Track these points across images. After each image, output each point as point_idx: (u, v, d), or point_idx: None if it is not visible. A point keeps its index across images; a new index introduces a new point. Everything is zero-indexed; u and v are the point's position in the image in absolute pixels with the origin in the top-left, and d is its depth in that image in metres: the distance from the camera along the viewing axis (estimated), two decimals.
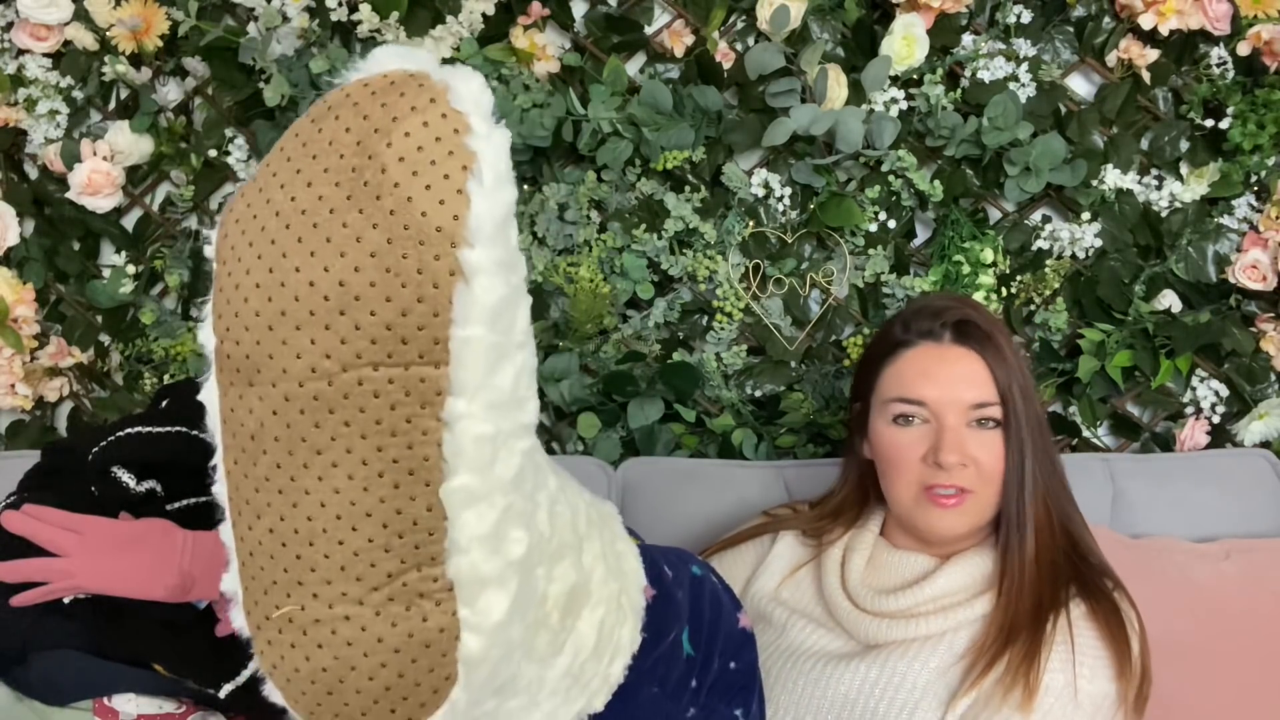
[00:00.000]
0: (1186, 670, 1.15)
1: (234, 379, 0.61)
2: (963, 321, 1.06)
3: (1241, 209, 1.39)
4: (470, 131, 0.58)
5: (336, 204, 0.57)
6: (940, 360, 1.05)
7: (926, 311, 1.08)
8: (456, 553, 0.61)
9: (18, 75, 1.47)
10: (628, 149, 1.40)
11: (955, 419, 1.03)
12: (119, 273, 1.49)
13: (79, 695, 1.05)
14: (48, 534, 1.04)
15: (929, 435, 1.04)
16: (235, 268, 0.59)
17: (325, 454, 0.59)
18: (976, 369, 1.04)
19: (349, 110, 0.58)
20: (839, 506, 1.17)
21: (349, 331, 0.57)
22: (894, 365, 1.07)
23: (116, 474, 1.16)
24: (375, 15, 1.35)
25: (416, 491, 0.59)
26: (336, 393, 0.58)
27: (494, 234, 0.58)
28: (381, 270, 0.56)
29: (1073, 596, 1.03)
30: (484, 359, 0.59)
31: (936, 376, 1.04)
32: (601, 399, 1.47)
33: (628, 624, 0.81)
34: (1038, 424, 1.06)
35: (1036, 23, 1.38)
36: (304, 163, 0.58)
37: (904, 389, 1.05)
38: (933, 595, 1.04)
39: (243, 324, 0.59)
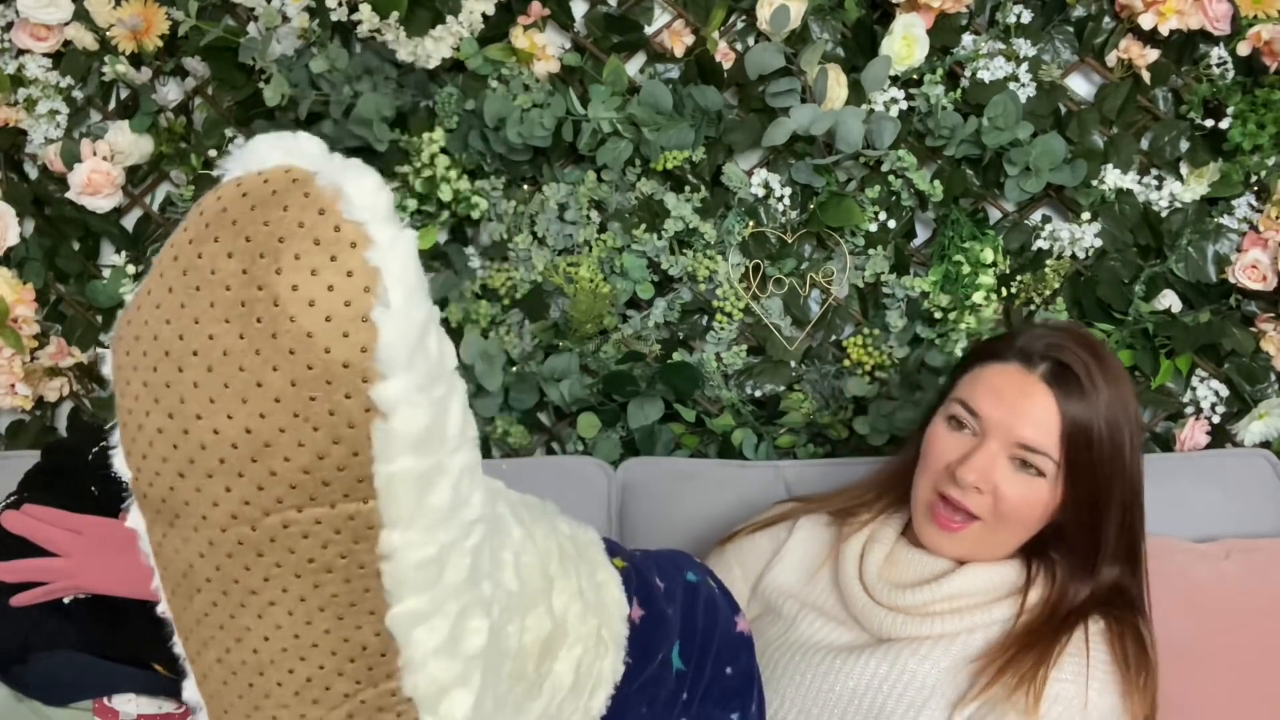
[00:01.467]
0: (1186, 670, 1.15)
1: (155, 517, 0.57)
2: (1063, 364, 0.99)
3: (1241, 209, 1.39)
4: (369, 243, 0.51)
5: (229, 344, 0.51)
6: (1018, 387, 1.00)
7: (1043, 338, 1.02)
8: (411, 670, 0.58)
9: (18, 75, 1.47)
10: (628, 149, 1.40)
11: (998, 446, 0.99)
12: (119, 273, 1.49)
13: (79, 695, 1.05)
14: (48, 534, 1.04)
15: (970, 447, 1.01)
16: (134, 406, 0.55)
17: (260, 594, 0.56)
18: (1047, 414, 0.98)
19: (228, 231, 0.51)
20: (884, 482, 1.14)
21: (264, 478, 0.53)
22: (979, 371, 1.04)
23: (117, 474, 1.16)
24: (375, 15, 1.35)
25: (361, 621, 0.57)
26: (262, 537, 0.54)
27: (409, 359, 0.52)
28: (289, 415, 0.51)
29: (1092, 613, 1.02)
30: (414, 488, 0.55)
31: (1005, 399, 1.00)
32: (601, 399, 1.47)
33: (609, 656, 0.79)
34: (1132, 493, 1.02)
35: (1036, 23, 1.38)
36: (186, 295, 0.52)
37: (971, 396, 1.02)
38: (949, 594, 1.03)
39: (153, 468, 0.55)
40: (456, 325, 1.47)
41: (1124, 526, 1.02)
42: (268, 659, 0.57)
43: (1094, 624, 1.01)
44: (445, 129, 1.42)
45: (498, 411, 1.48)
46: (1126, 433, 1.00)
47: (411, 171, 1.42)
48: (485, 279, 1.47)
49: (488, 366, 1.43)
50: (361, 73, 1.41)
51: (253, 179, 0.52)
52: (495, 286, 1.46)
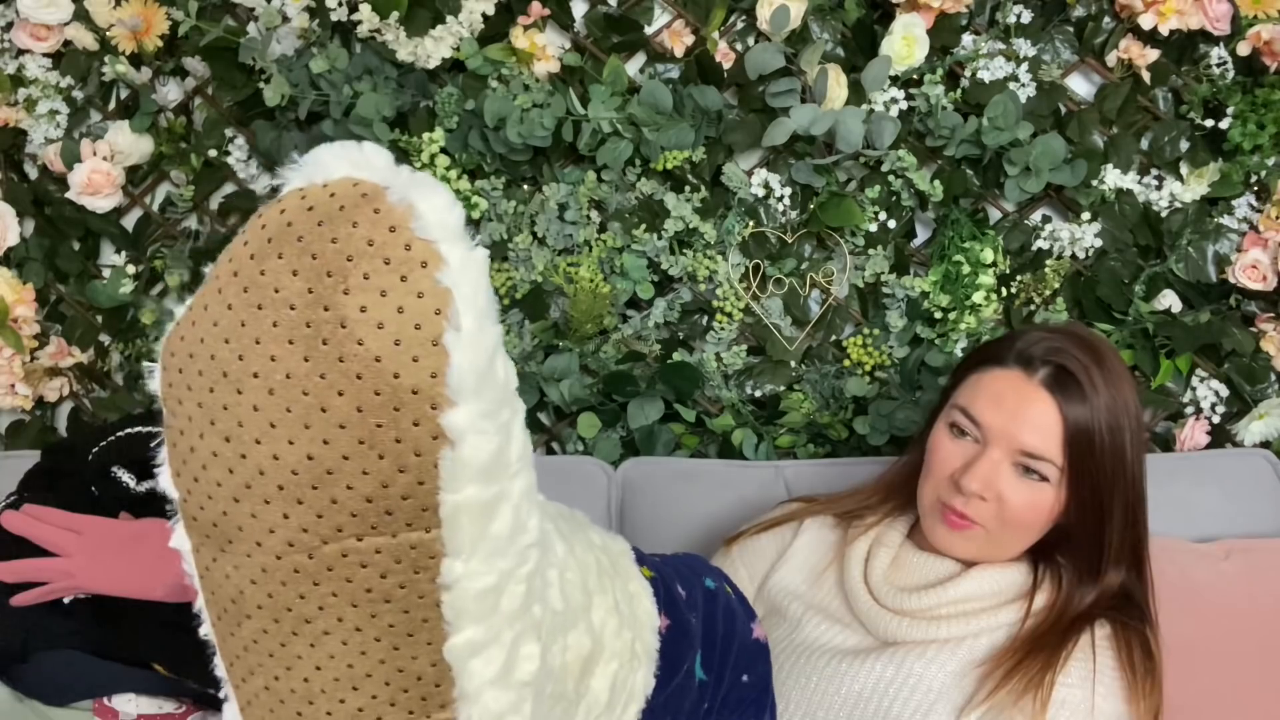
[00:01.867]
0: (1186, 670, 1.15)
1: (204, 541, 0.55)
2: (1063, 368, 0.99)
3: (1241, 209, 1.39)
4: (441, 263, 0.49)
5: (292, 367, 0.49)
6: (1018, 393, 0.99)
7: (1042, 342, 1.01)
8: (466, 702, 0.57)
9: (18, 75, 1.47)
10: (628, 149, 1.40)
11: (1001, 453, 0.99)
12: (119, 273, 1.49)
13: (79, 695, 1.05)
14: (47, 534, 1.04)
15: (972, 454, 1.00)
16: (187, 427, 0.53)
17: (314, 623, 0.54)
18: (1049, 419, 0.98)
19: (293, 248, 0.49)
20: (890, 486, 1.14)
21: (325, 505, 0.51)
22: (979, 377, 1.03)
23: (116, 474, 1.16)
24: (375, 15, 1.35)
25: (418, 651, 0.56)
26: (319, 565, 0.52)
27: (478, 385, 0.51)
28: (354, 442, 0.50)
29: (1099, 618, 1.01)
30: (478, 517, 0.54)
31: (1006, 406, 0.99)
32: (601, 399, 1.47)
33: (641, 670, 0.78)
34: (1135, 494, 1.01)
35: (1036, 23, 1.38)
36: (248, 313, 0.50)
37: (971, 403, 1.01)
38: (955, 598, 1.02)
39: (205, 491, 0.53)
40: None
41: (1127, 527, 1.02)
42: (318, 688, 0.55)
43: (1100, 629, 1.01)
44: (445, 129, 1.42)
45: None
46: (1128, 434, 0.99)
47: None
48: None
49: None
50: (361, 73, 1.41)
51: (318, 191, 0.50)
52: (495, 286, 1.46)
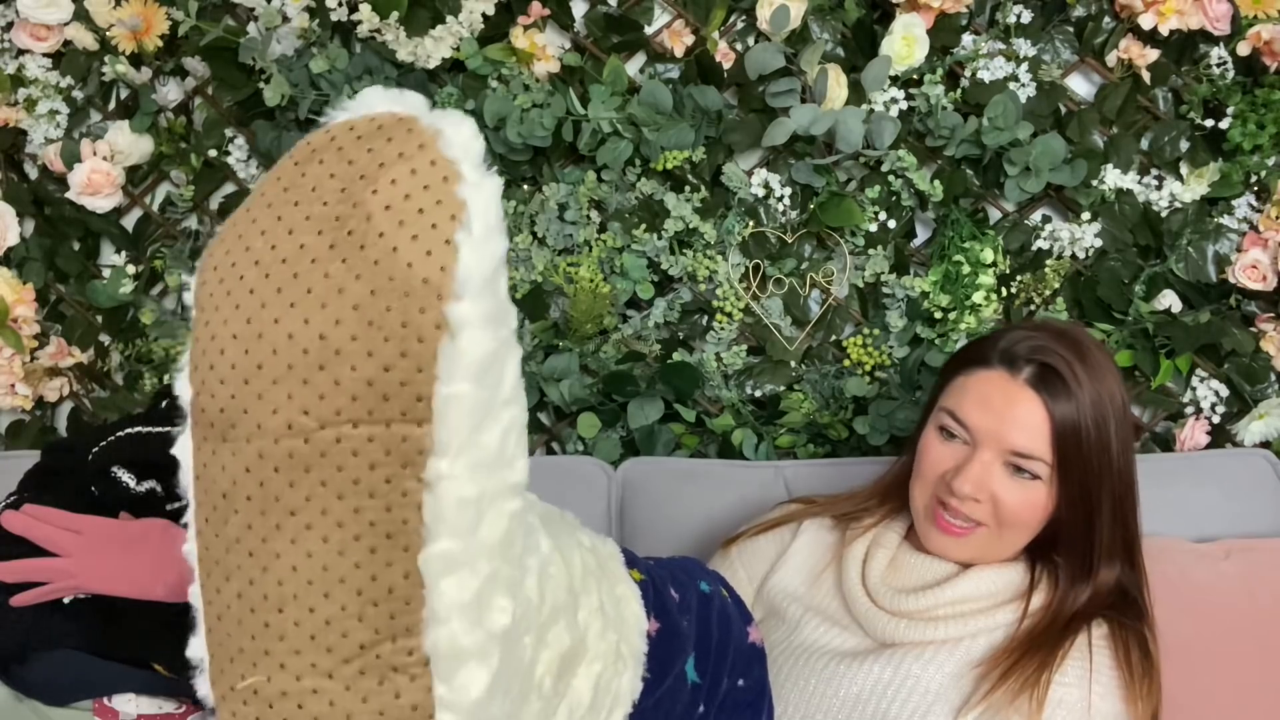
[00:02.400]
0: (1186, 670, 1.15)
1: (208, 434, 0.58)
2: (1047, 366, 0.99)
3: (1241, 209, 1.39)
4: (460, 180, 0.55)
5: (318, 253, 0.55)
6: (1004, 394, 0.99)
7: (1024, 340, 1.01)
8: (435, 623, 0.57)
9: (18, 75, 1.47)
10: (628, 149, 1.40)
11: (991, 454, 1.00)
12: (119, 273, 1.49)
13: (79, 695, 1.05)
14: (47, 534, 1.04)
15: (963, 456, 1.01)
16: (213, 318, 0.57)
17: (299, 515, 0.56)
18: (1036, 418, 0.98)
19: (333, 155, 0.56)
20: (886, 488, 1.14)
21: (328, 387, 0.55)
22: (965, 379, 1.03)
23: (116, 474, 1.16)
24: (375, 15, 1.35)
25: (394, 557, 0.57)
26: (313, 450, 0.55)
27: (482, 287, 0.55)
28: (364, 324, 0.54)
29: (1096, 617, 1.02)
30: (469, 417, 0.56)
31: (992, 408, 1.00)
32: (601, 399, 1.47)
33: (627, 673, 0.79)
34: (1123, 486, 1.02)
35: (1036, 23, 1.38)
36: (285, 209, 0.56)
37: (958, 406, 1.02)
38: (952, 599, 1.03)
39: (218, 377, 0.57)
40: None
41: (1117, 521, 1.02)
42: (291, 592, 0.57)
43: (1097, 628, 1.01)
44: None
45: None
46: (1113, 427, 1.00)
47: None
48: None
49: None
50: (361, 73, 1.41)
51: (362, 119, 0.57)
52: None
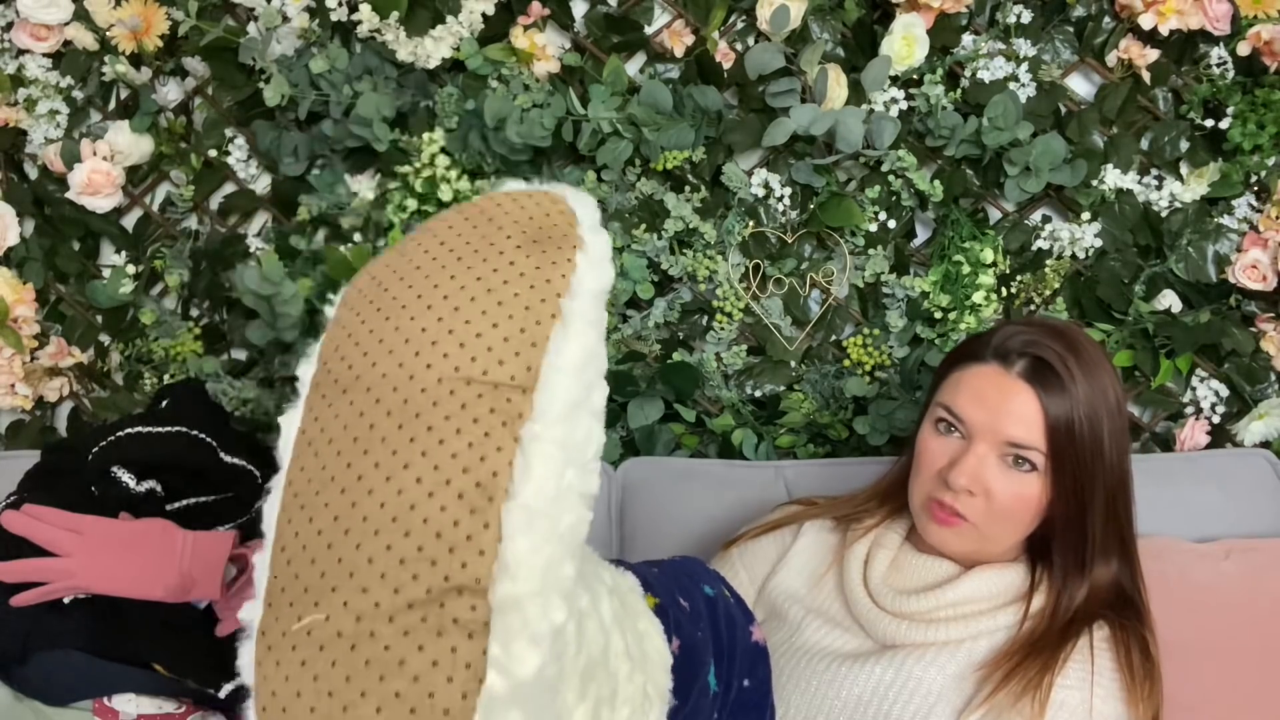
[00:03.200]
0: (1186, 670, 1.15)
1: (328, 391, 0.64)
2: (1040, 360, 1.00)
3: (1241, 209, 1.39)
4: (579, 221, 0.68)
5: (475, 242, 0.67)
6: (998, 388, 1.01)
7: (1018, 335, 1.03)
8: (504, 577, 0.58)
9: (18, 75, 1.47)
10: (628, 149, 1.40)
11: (986, 448, 1.00)
12: (119, 273, 1.49)
13: (79, 695, 1.06)
14: (48, 534, 1.04)
15: (959, 450, 1.02)
16: (364, 308, 0.66)
17: (400, 454, 0.60)
18: (1030, 410, 0.99)
19: (489, 203, 0.71)
20: (887, 489, 1.15)
21: (454, 349, 0.62)
22: (960, 374, 1.05)
23: (116, 474, 1.16)
24: (375, 15, 1.35)
25: (479, 504, 0.58)
26: (427, 399, 0.61)
27: (593, 284, 0.66)
28: (502, 288, 0.63)
29: (1097, 618, 1.02)
30: (566, 395, 0.62)
31: (987, 401, 1.01)
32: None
33: (654, 712, 0.78)
34: (1116, 481, 1.02)
35: (1036, 23, 1.38)
36: (457, 219, 0.69)
37: (954, 401, 1.03)
38: (954, 600, 1.03)
39: (361, 349, 0.64)
40: None
41: (1111, 516, 1.02)
42: (373, 527, 0.58)
43: (1099, 630, 1.02)
44: (445, 129, 1.42)
45: None
46: (1106, 421, 1.00)
47: (411, 171, 1.42)
48: None
49: None
50: (361, 73, 1.41)
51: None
52: None
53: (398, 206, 1.43)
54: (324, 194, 1.46)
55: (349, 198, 1.46)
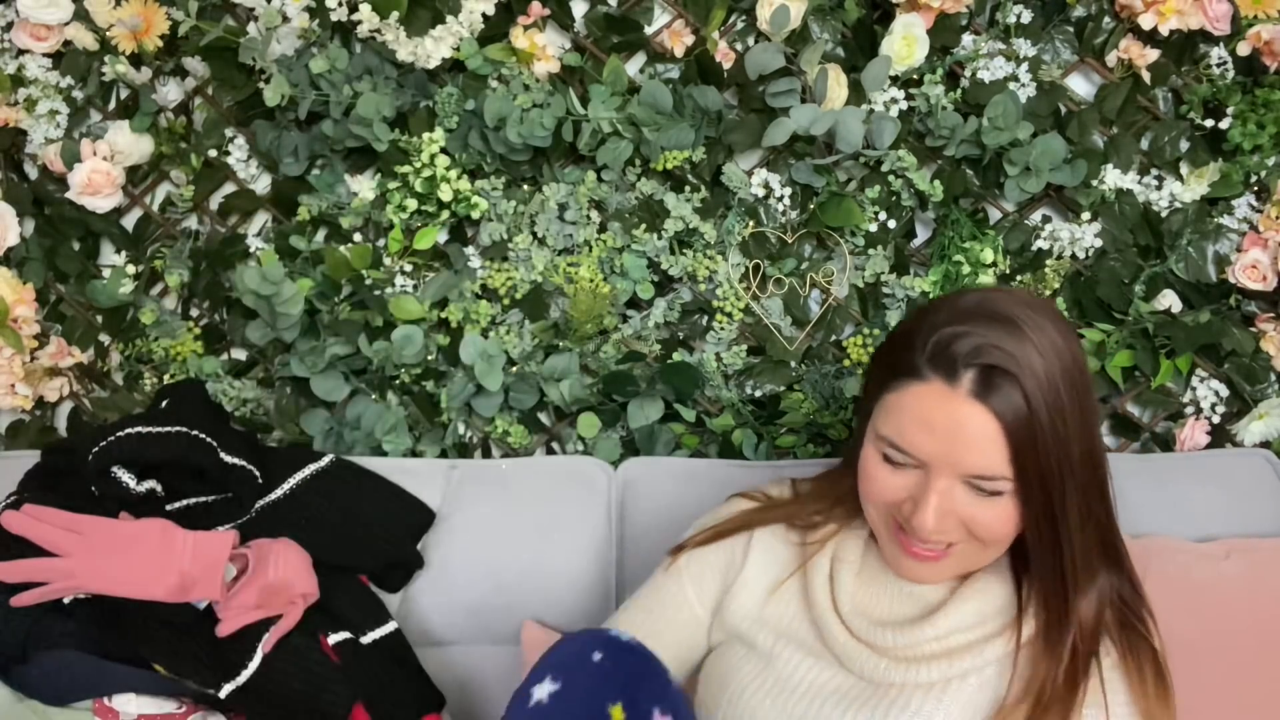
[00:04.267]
0: (1186, 670, 1.15)
1: None
2: (988, 368, 0.85)
3: (1241, 209, 1.39)
4: None
5: None
6: (948, 413, 0.86)
7: (957, 339, 0.87)
8: None
9: (18, 75, 1.47)
10: (628, 149, 1.40)
11: (947, 481, 0.88)
12: (119, 273, 1.49)
13: (79, 695, 1.06)
14: (48, 534, 1.05)
15: (916, 483, 0.90)
16: None
17: None
18: (988, 433, 0.85)
19: None
20: (838, 494, 1.03)
21: None
22: (898, 396, 0.90)
23: (116, 474, 1.16)
24: (375, 15, 1.35)
25: None
26: None
27: None
28: None
29: (1102, 641, 0.93)
30: None
31: (937, 429, 0.87)
32: (601, 399, 1.47)
33: None
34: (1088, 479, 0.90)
35: (1036, 23, 1.38)
36: None
37: (898, 434, 0.89)
38: (936, 635, 0.93)
39: None
40: (456, 325, 1.47)
41: (1087, 519, 0.91)
42: None
43: (1106, 657, 0.93)
44: (445, 129, 1.42)
45: (498, 411, 1.48)
46: (1068, 408, 0.86)
47: (411, 171, 1.42)
48: (485, 279, 1.47)
49: (488, 366, 1.43)
50: (361, 73, 1.41)
51: None
52: (495, 286, 1.46)
53: (398, 206, 1.43)
54: (324, 194, 1.46)
55: (349, 198, 1.46)
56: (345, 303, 1.48)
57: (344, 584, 1.26)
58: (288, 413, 1.50)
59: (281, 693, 1.08)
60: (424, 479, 1.38)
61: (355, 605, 1.26)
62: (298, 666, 1.10)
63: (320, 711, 1.09)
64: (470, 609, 1.33)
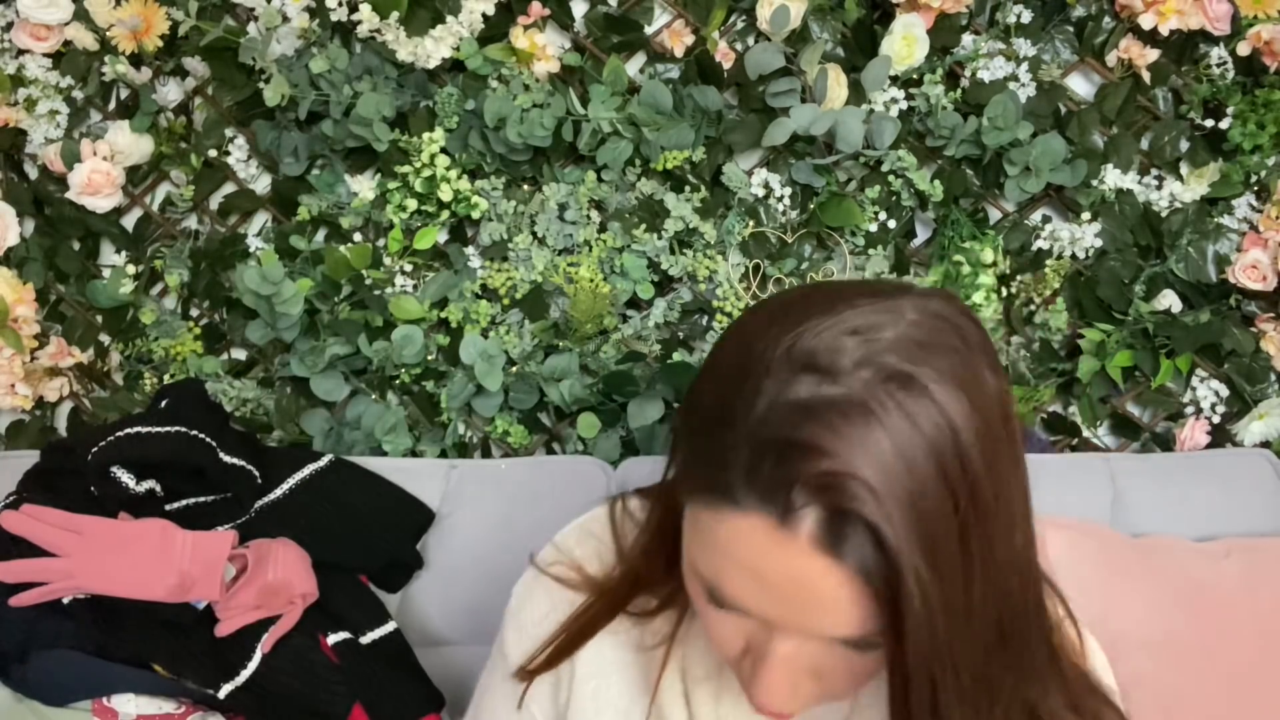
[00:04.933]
0: (1187, 669, 1.15)
1: None
2: (835, 513, 0.54)
3: (1241, 209, 1.39)
4: None
5: None
6: (783, 567, 0.56)
7: (783, 454, 0.54)
8: None
9: (18, 75, 1.47)
10: (628, 149, 1.40)
11: (793, 644, 0.60)
12: (119, 273, 1.49)
13: (79, 695, 1.06)
14: (47, 534, 1.05)
15: (753, 633, 0.62)
16: None
17: None
18: (846, 595, 0.55)
19: None
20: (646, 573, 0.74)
21: None
22: (712, 520, 0.58)
23: (116, 474, 1.16)
24: (375, 15, 1.35)
25: None
26: None
27: None
28: None
29: None
30: None
31: (774, 589, 0.57)
32: (601, 399, 1.47)
33: None
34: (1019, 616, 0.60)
35: (1036, 23, 1.38)
36: None
37: (720, 581, 0.59)
38: None
39: None
40: (456, 325, 1.47)
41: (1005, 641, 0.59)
42: None
43: None
44: (445, 129, 1.42)
45: (498, 411, 1.48)
46: (975, 527, 0.55)
47: (411, 171, 1.42)
48: (485, 279, 1.47)
49: (488, 366, 1.43)
50: (361, 73, 1.41)
51: None
52: (495, 286, 1.46)
53: (398, 206, 1.43)
54: (324, 194, 1.46)
55: (349, 198, 1.46)
56: (345, 303, 1.48)
57: (344, 584, 1.26)
58: (288, 413, 1.50)
59: (281, 693, 1.08)
60: (424, 479, 1.37)
61: (355, 605, 1.26)
62: (297, 666, 1.10)
63: (319, 711, 1.09)
64: (470, 609, 1.33)
